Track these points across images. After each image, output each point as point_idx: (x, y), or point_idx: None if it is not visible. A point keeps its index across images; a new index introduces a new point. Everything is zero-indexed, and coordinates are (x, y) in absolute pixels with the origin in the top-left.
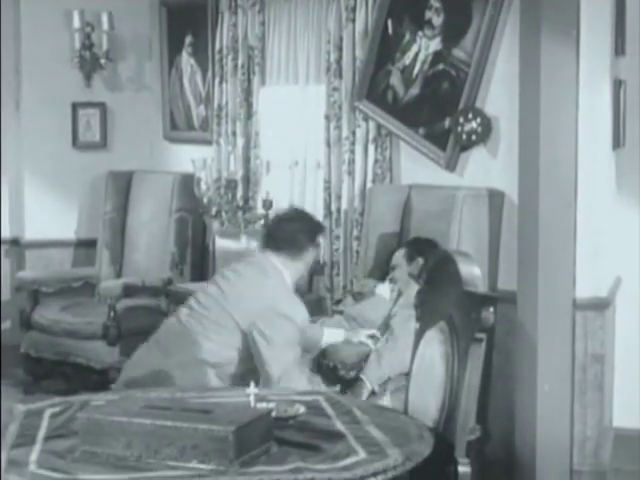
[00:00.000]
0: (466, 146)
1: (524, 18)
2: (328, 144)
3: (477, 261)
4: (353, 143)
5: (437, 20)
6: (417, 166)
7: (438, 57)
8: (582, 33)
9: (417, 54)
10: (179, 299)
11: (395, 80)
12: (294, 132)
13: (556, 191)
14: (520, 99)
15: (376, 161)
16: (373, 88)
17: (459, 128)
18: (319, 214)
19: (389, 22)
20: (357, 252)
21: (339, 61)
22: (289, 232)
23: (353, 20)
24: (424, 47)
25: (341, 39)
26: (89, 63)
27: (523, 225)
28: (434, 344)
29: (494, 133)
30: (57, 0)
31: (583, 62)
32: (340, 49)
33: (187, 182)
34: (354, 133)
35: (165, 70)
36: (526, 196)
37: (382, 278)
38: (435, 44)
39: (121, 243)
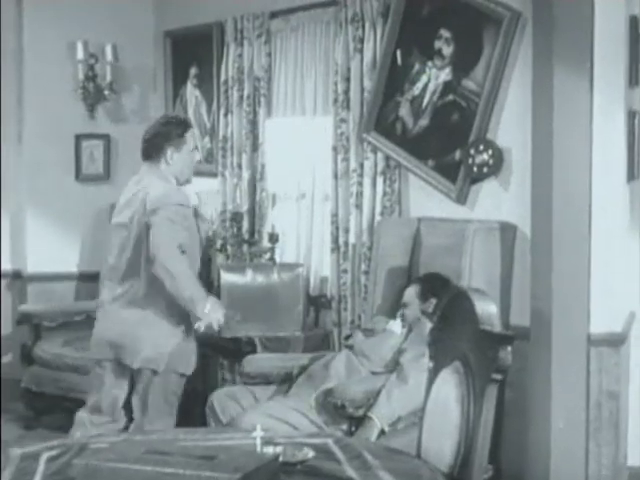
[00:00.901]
0: (477, 178)
1: (537, 48)
2: (335, 176)
3: (489, 296)
4: (361, 175)
5: (447, 50)
6: (426, 199)
7: (448, 87)
8: (596, 63)
9: (426, 84)
10: None
11: (404, 111)
12: (301, 164)
13: (570, 224)
14: (533, 130)
15: (385, 194)
16: (381, 119)
17: (470, 160)
18: (326, 248)
19: (398, 52)
20: (365, 286)
21: (347, 92)
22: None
23: (361, 51)
24: (434, 77)
25: (349, 70)
26: (93, 94)
27: (536, 259)
28: (449, 385)
29: (506, 165)
30: (60, 31)
31: (597, 93)
32: (348, 80)
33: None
34: (362, 165)
35: (170, 101)
36: (539, 229)
37: (391, 313)
38: (445, 74)
39: None
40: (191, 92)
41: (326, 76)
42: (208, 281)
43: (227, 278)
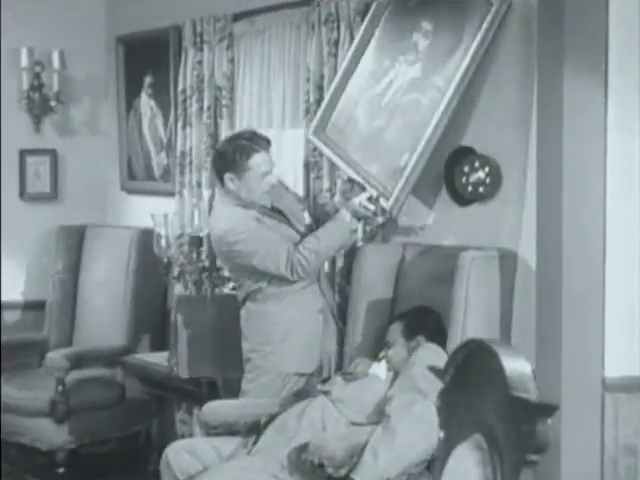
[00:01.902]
0: (472, 200)
1: (543, 50)
2: (308, 196)
3: (488, 335)
4: (334, 194)
5: (423, 44)
6: (413, 221)
7: (414, 85)
8: (611, 67)
9: (392, 82)
10: (137, 371)
11: (361, 110)
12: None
13: (582, 253)
14: (538, 143)
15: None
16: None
17: (464, 179)
18: None
19: (370, 46)
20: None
21: (320, 102)
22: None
23: (335, 55)
24: (401, 74)
25: (322, 77)
26: (38, 106)
27: (543, 293)
28: (468, 463)
29: (503, 184)
30: (2, 36)
31: (612, 100)
32: (321, 88)
33: (146, 239)
34: (336, 184)
35: (122, 113)
36: (546, 259)
37: (373, 354)
38: (414, 70)
39: (72, 306)
40: (146, 103)
41: (296, 84)
42: (163, 313)
43: (185, 310)
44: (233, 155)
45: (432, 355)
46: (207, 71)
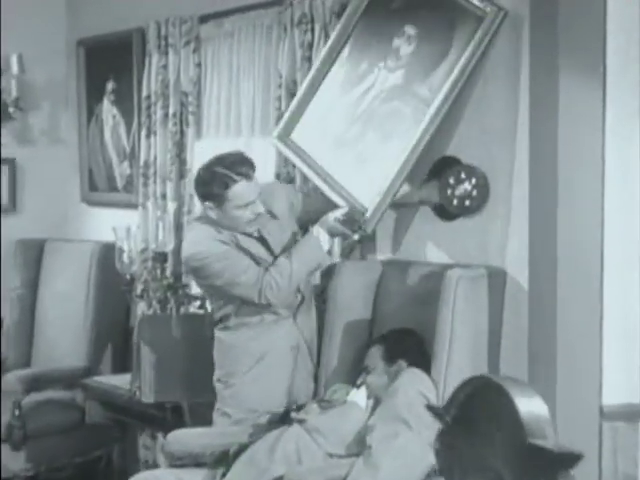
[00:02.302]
0: (457, 214)
1: (536, 51)
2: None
3: (475, 361)
4: None
5: (406, 50)
6: (395, 236)
7: (394, 93)
8: (609, 69)
9: (369, 88)
10: (98, 394)
11: (335, 116)
12: None
13: (579, 272)
14: (531, 151)
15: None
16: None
17: (449, 191)
18: None
19: (346, 48)
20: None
21: None
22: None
23: (309, 59)
24: (381, 81)
25: (295, 82)
26: None
27: (535, 315)
28: None
29: (491, 196)
30: None
31: (611, 104)
32: (294, 95)
33: (108, 253)
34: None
35: (83, 121)
36: (539, 277)
37: (350, 380)
38: (395, 77)
39: (31, 324)
40: (108, 110)
41: (267, 90)
42: (126, 332)
43: (148, 331)
44: (210, 185)
45: (416, 381)
46: (172, 76)
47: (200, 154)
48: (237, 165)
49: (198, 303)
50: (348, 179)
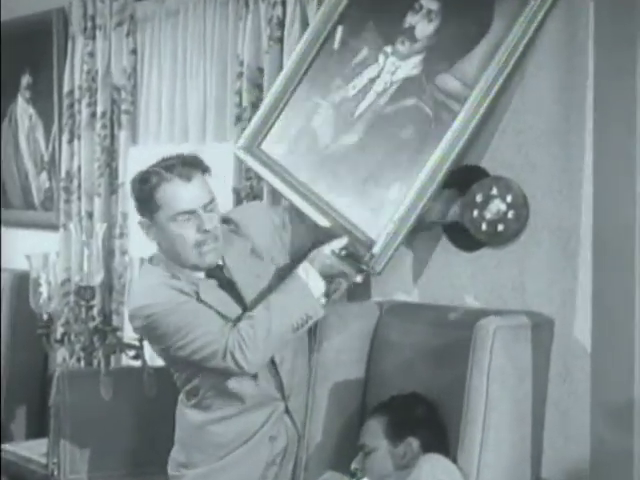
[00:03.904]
0: (485, 242)
1: (604, 36)
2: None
3: (517, 442)
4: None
5: (425, 29)
6: (396, 271)
7: (410, 87)
8: None
9: (373, 80)
10: (6, 467)
11: (321, 119)
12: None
13: None
14: (595, 162)
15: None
16: (278, 131)
17: (475, 212)
18: None
19: (339, 29)
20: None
21: (256, 105)
22: None
23: (280, 40)
24: (388, 71)
25: (260, 71)
26: None
27: (601, 379)
28: None
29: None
30: None
31: None
32: (259, 87)
33: (23, 285)
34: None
35: None
36: (605, 330)
37: (336, 460)
38: (410, 66)
39: None
40: (23, 109)
41: (223, 82)
42: (43, 387)
43: (70, 391)
44: (138, 189)
45: (441, 475)
46: (101, 66)
47: (135, 164)
48: (172, 163)
49: (133, 352)
50: (345, 201)
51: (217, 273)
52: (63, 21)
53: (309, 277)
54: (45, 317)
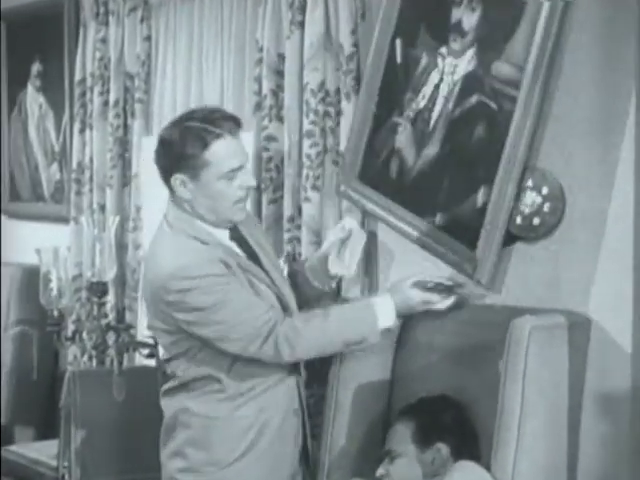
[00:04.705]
0: (519, 237)
1: None
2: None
3: (553, 449)
4: (299, 227)
5: (470, 20)
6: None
7: (470, 83)
8: None
9: (437, 86)
10: (14, 470)
11: (403, 139)
12: None
13: None
14: (637, 155)
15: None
16: (369, 160)
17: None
18: None
19: (397, 43)
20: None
21: (277, 93)
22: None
23: (301, 25)
24: (448, 71)
25: (281, 57)
26: None
27: None
28: None
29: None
30: None
31: None
32: (279, 73)
33: (33, 280)
34: (300, 210)
35: (3, 113)
36: None
37: (361, 466)
38: (466, 62)
39: None
40: (33, 98)
41: (241, 68)
42: (53, 387)
43: (81, 392)
44: (181, 145)
45: None
46: (114, 53)
47: (149, 154)
48: (217, 117)
49: (147, 351)
50: (439, 218)
51: (236, 234)
52: (74, 7)
53: (383, 304)
54: (56, 314)
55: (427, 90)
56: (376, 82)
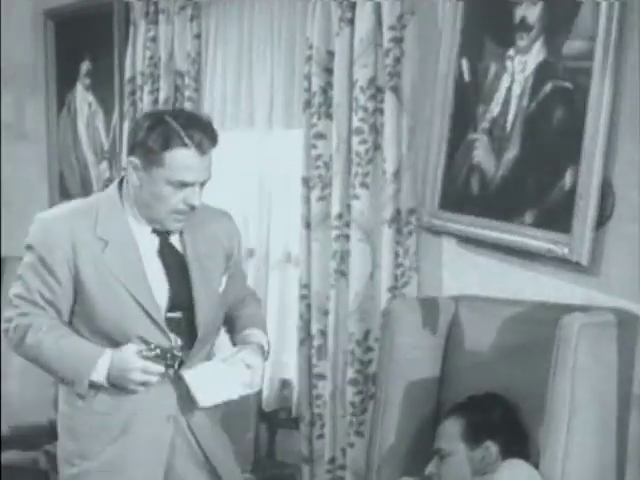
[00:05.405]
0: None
1: None
2: (307, 225)
3: (603, 446)
4: (348, 224)
5: (534, 12)
6: (469, 264)
7: (543, 72)
8: None
9: (509, 89)
10: None
11: (480, 153)
12: (248, 204)
13: None
14: None
15: (395, 255)
16: (448, 186)
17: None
18: (290, 338)
19: (463, 62)
20: (352, 404)
21: (326, 90)
22: None
23: (351, 22)
24: (519, 70)
25: (330, 54)
26: None
27: None
28: None
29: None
30: None
31: None
32: (328, 71)
33: None
34: (349, 207)
35: (52, 111)
36: None
37: (411, 464)
38: (535, 54)
39: None
40: (83, 97)
41: (291, 66)
42: None
43: None
44: (147, 134)
45: None
46: (164, 52)
47: None
48: (193, 127)
49: None
50: (528, 216)
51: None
52: (124, 5)
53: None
54: None
55: (499, 96)
56: (447, 110)
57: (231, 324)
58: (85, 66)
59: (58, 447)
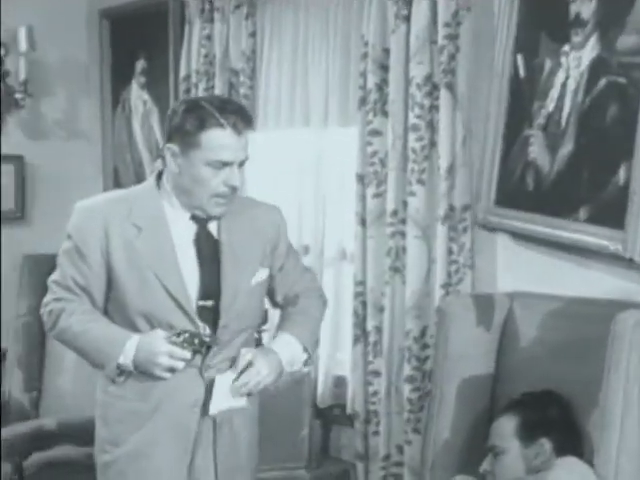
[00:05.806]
0: None
1: None
2: (363, 222)
3: None
4: (404, 221)
5: (589, 8)
6: (525, 260)
7: (598, 68)
8: None
9: (564, 84)
10: None
11: (536, 149)
12: (303, 202)
13: None
14: None
15: (449, 252)
16: (503, 182)
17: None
18: (345, 335)
19: (519, 58)
20: (410, 400)
21: (382, 87)
22: None
23: (407, 19)
24: (574, 66)
25: (386, 52)
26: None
27: None
28: None
29: None
30: None
31: None
32: (384, 68)
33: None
34: (405, 204)
35: (108, 109)
36: None
37: (466, 460)
38: (589, 50)
39: (40, 359)
40: (138, 95)
41: (346, 63)
42: None
43: None
44: (184, 118)
45: None
46: (219, 50)
47: (255, 149)
48: (228, 110)
49: None
50: (582, 212)
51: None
52: (180, 4)
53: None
54: None
55: (554, 92)
56: (502, 106)
57: (279, 319)
58: (140, 64)
59: (95, 436)
